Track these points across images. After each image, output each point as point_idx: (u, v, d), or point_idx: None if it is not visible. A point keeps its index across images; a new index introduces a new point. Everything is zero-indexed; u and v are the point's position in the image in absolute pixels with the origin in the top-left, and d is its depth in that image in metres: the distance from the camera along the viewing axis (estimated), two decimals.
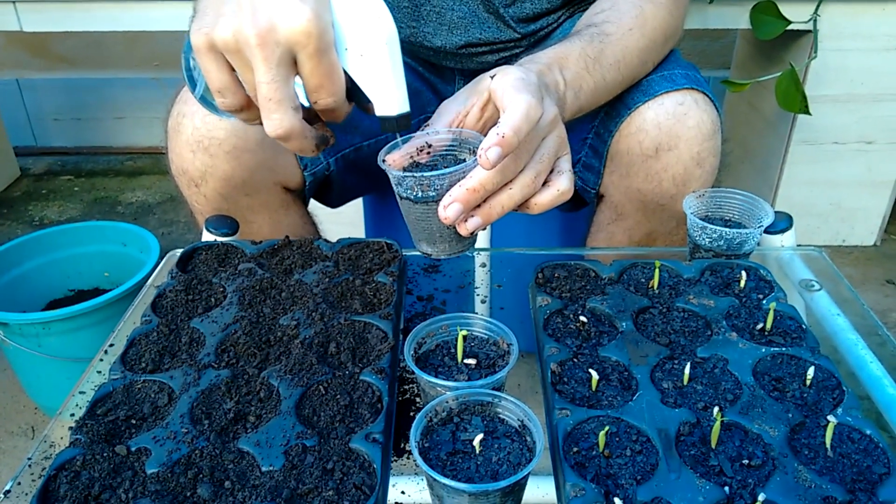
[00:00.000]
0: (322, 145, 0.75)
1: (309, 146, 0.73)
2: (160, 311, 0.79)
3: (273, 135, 0.70)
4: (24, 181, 2.71)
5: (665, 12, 0.97)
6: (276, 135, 0.70)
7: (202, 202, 1.02)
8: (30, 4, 1.82)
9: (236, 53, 0.67)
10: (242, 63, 0.68)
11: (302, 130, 0.70)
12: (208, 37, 0.67)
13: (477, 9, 1.08)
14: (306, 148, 0.73)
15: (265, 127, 0.69)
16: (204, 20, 0.68)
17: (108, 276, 1.82)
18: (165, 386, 0.68)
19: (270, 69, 0.66)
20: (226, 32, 0.66)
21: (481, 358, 0.71)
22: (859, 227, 2.17)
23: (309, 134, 0.72)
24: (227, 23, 0.66)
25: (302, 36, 0.65)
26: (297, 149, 0.73)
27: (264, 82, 0.67)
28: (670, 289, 0.81)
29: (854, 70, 1.89)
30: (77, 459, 0.60)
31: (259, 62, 0.66)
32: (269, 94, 0.67)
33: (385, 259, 0.86)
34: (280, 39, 0.65)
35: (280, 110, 0.68)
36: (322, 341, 0.73)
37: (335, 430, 0.62)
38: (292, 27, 0.65)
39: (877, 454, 0.59)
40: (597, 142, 1.05)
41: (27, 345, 1.50)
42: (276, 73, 0.66)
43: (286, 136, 0.70)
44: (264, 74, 0.66)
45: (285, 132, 0.69)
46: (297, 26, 0.64)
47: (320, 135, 0.74)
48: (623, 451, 0.59)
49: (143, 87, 2.75)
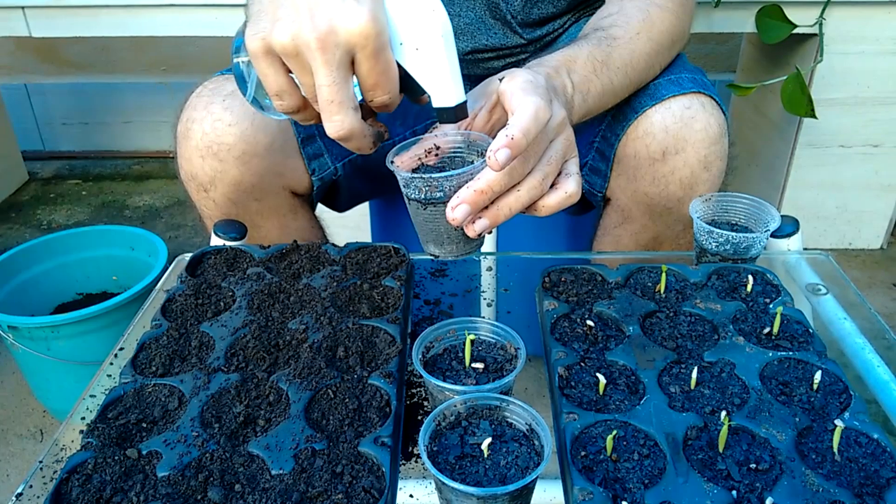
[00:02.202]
0: (378, 141, 0.75)
1: (367, 144, 0.73)
2: (170, 316, 0.80)
3: (335, 136, 0.70)
4: (32, 185, 2.72)
5: (672, 16, 0.98)
6: (338, 136, 0.70)
7: (211, 207, 1.03)
8: (39, 10, 1.83)
9: (295, 57, 0.67)
10: (301, 66, 0.68)
11: (362, 130, 0.71)
12: (265, 41, 0.68)
13: (483, 15, 1.09)
14: (364, 146, 0.73)
15: (326, 128, 0.70)
16: (259, 25, 0.68)
17: (116, 280, 1.82)
18: (176, 390, 0.68)
19: (331, 72, 0.66)
20: (284, 37, 0.66)
21: (489, 362, 0.71)
22: (866, 230, 2.17)
23: (367, 132, 0.72)
24: (286, 27, 0.66)
25: (361, 37, 0.65)
26: (355, 148, 0.73)
27: (325, 85, 0.67)
28: (677, 293, 0.81)
29: (860, 73, 1.89)
30: (88, 462, 0.60)
31: (320, 65, 0.66)
32: (330, 97, 0.67)
33: (392, 263, 0.87)
34: (340, 42, 0.65)
35: (342, 112, 0.68)
36: (330, 345, 0.73)
37: (344, 434, 0.62)
38: (351, 29, 0.65)
39: (884, 458, 0.59)
40: (604, 145, 1.06)
41: (36, 348, 1.51)
42: (337, 75, 0.67)
43: (348, 136, 0.70)
44: (325, 77, 0.66)
45: (347, 133, 0.70)
46: (356, 28, 0.65)
47: (376, 132, 0.74)
48: (631, 455, 0.59)
49: (151, 92, 2.76)
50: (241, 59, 0.76)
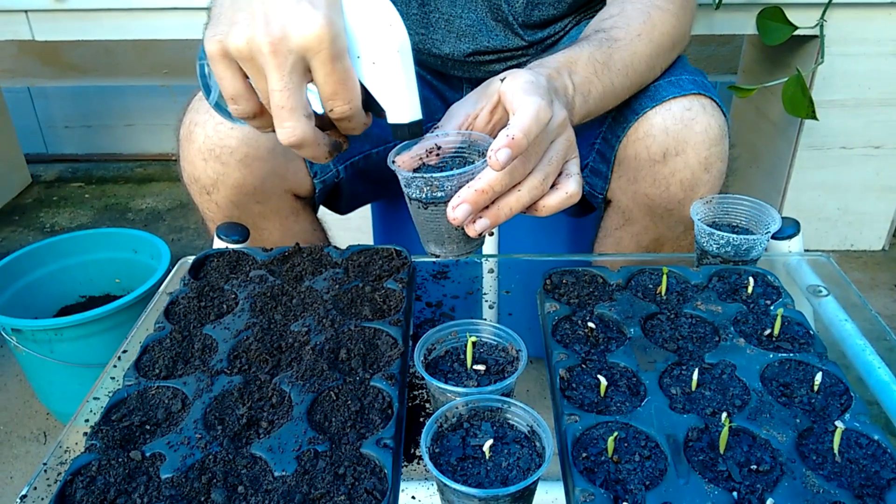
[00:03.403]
0: (335, 151, 0.75)
1: (322, 153, 0.73)
2: (173, 318, 0.80)
3: (286, 142, 0.70)
4: (35, 188, 2.73)
5: (673, 18, 0.98)
6: (288, 142, 0.70)
7: (214, 209, 1.03)
8: (42, 14, 1.84)
9: (249, 61, 0.68)
10: (255, 71, 0.68)
11: (315, 138, 0.71)
12: (222, 44, 0.68)
13: (485, 17, 1.09)
14: (319, 155, 0.73)
15: (278, 135, 0.70)
16: (218, 28, 0.69)
17: (118, 283, 1.83)
18: (179, 392, 0.69)
19: (283, 77, 0.66)
20: (239, 40, 0.67)
21: (490, 364, 0.71)
22: (867, 231, 2.17)
23: (322, 141, 0.72)
24: (241, 31, 0.67)
25: (314, 42, 0.65)
26: (310, 156, 0.73)
27: (277, 90, 0.67)
28: (678, 295, 0.82)
29: (861, 75, 1.89)
30: (92, 464, 0.60)
31: (272, 70, 0.66)
32: (281, 102, 0.68)
33: (394, 266, 0.87)
34: (293, 47, 0.66)
35: (293, 118, 0.68)
36: (333, 347, 0.73)
37: (346, 436, 0.63)
38: (305, 34, 0.65)
39: (885, 459, 0.59)
40: (604, 147, 1.06)
41: (39, 351, 1.51)
42: (289, 80, 0.67)
43: (299, 143, 0.70)
44: (277, 82, 0.67)
45: (298, 140, 0.70)
46: (309, 33, 0.65)
47: (333, 141, 0.74)
48: (632, 457, 0.60)
49: (153, 95, 2.77)
50: (205, 63, 0.76)
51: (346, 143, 0.77)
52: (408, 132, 0.73)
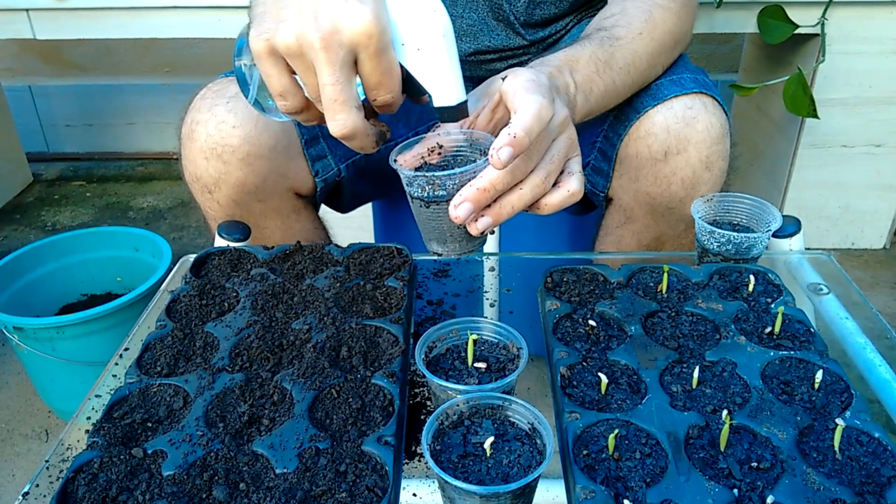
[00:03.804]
0: (381, 141, 0.75)
1: (370, 143, 0.73)
2: (174, 316, 0.80)
3: (339, 135, 0.70)
4: (36, 187, 2.73)
5: (674, 17, 0.98)
6: (341, 134, 0.70)
7: (215, 208, 1.03)
8: (43, 12, 1.84)
9: (299, 57, 0.68)
10: (304, 66, 0.68)
11: (365, 129, 0.71)
12: (269, 42, 0.68)
13: (486, 16, 1.09)
14: (367, 145, 0.74)
15: (330, 127, 0.70)
16: (263, 26, 0.69)
17: (120, 281, 1.83)
18: (181, 389, 0.69)
19: (335, 71, 0.67)
20: (288, 37, 0.67)
21: (491, 362, 0.71)
22: (868, 230, 2.17)
23: (370, 131, 0.73)
24: (289, 27, 0.67)
25: (364, 37, 0.66)
26: (358, 147, 0.73)
27: (329, 84, 0.67)
28: (679, 293, 0.82)
29: (862, 73, 1.89)
30: (94, 462, 0.61)
31: (323, 65, 0.67)
32: (334, 96, 0.68)
33: (395, 264, 0.87)
34: (343, 41, 0.66)
35: (345, 111, 0.69)
36: (334, 345, 0.73)
37: (348, 433, 0.63)
38: (355, 28, 0.65)
39: (885, 457, 0.59)
40: (606, 145, 1.06)
41: (41, 349, 1.51)
42: (340, 74, 0.67)
43: (351, 135, 0.71)
44: (329, 76, 0.67)
45: (350, 132, 0.70)
46: (359, 27, 0.65)
47: (378, 131, 0.75)
48: (632, 454, 0.60)
49: (155, 93, 2.77)
50: (243, 61, 0.77)
51: (388, 132, 0.77)
52: (455, 114, 0.73)
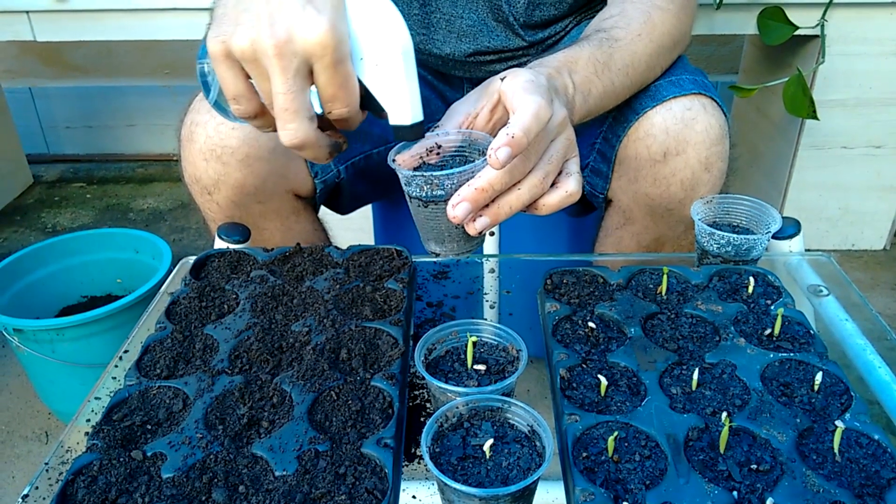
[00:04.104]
0: (335, 152, 0.75)
1: (323, 154, 0.74)
2: (174, 318, 0.80)
3: (288, 144, 0.70)
4: (36, 188, 2.73)
5: (673, 18, 0.98)
6: (291, 144, 0.70)
7: (215, 209, 1.03)
8: (43, 14, 1.84)
9: (253, 62, 0.68)
10: (259, 72, 0.69)
11: (316, 139, 0.71)
12: (225, 45, 0.68)
13: (486, 17, 1.09)
14: (320, 156, 0.74)
15: (280, 136, 0.70)
16: (221, 28, 0.69)
17: (120, 283, 1.83)
18: (180, 392, 0.69)
19: (287, 80, 0.67)
20: (243, 42, 0.67)
21: (491, 364, 0.71)
22: (868, 231, 2.17)
23: (323, 142, 0.73)
24: (245, 32, 0.67)
25: (319, 48, 0.66)
26: (311, 157, 0.74)
27: (281, 93, 0.67)
28: (678, 294, 0.82)
29: (862, 75, 1.89)
30: (94, 464, 0.61)
31: (276, 72, 0.67)
32: (285, 105, 0.68)
33: (395, 266, 0.87)
34: (297, 50, 0.66)
35: (296, 120, 0.69)
36: (333, 347, 0.73)
37: (347, 436, 0.63)
38: (310, 39, 0.65)
39: (885, 459, 0.59)
40: (605, 146, 1.06)
41: (41, 351, 1.51)
42: (293, 83, 0.67)
43: (301, 145, 0.71)
44: (281, 85, 0.67)
45: (300, 142, 0.70)
46: (314, 38, 0.65)
47: (333, 142, 0.75)
48: (632, 457, 0.60)
49: (155, 95, 2.77)
50: (205, 62, 0.77)
51: (345, 143, 0.78)
52: (410, 133, 0.74)
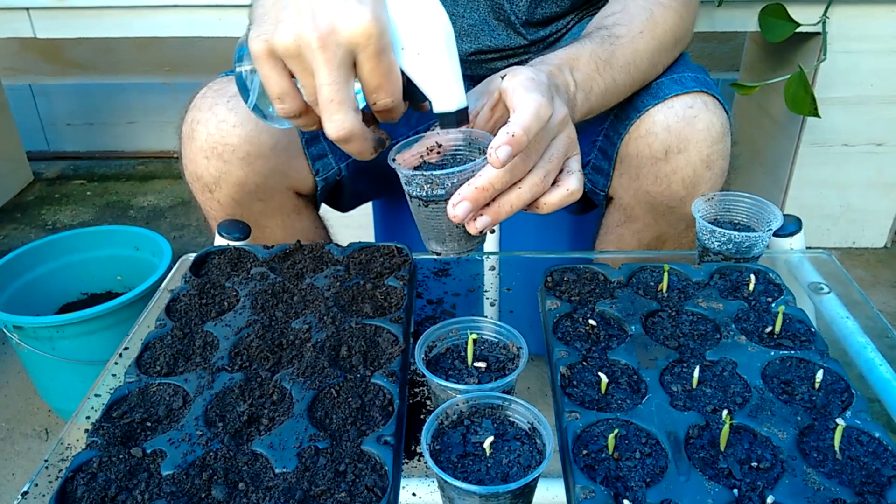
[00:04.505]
0: (379, 147, 0.75)
1: (368, 148, 0.73)
2: (174, 315, 0.80)
3: (335, 137, 0.70)
4: (37, 185, 2.73)
5: (675, 15, 0.98)
6: (337, 136, 0.70)
7: (216, 207, 1.03)
8: (43, 11, 1.84)
9: (297, 58, 0.68)
10: (303, 67, 0.68)
11: (362, 132, 0.71)
12: (268, 43, 0.68)
13: (487, 16, 1.09)
14: (366, 150, 0.73)
15: (326, 129, 0.70)
16: (262, 27, 0.69)
17: (120, 280, 1.83)
18: (180, 389, 0.69)
19: (332, 71, 0.66)
20: (286, 37, 0.67)
21: (491, 361, 0.71)
22: (869, 229, 2.16)
23: (368, 135, 0.72)
24: (288, 28, 0.67)
25: (363, 37, 0.65)
26: (356, 151, 0.73)
27: (326, 84, 0.67)
28: (679, 292, 0.82)
29: (863, 72, 1.89)
30: (93, 461, 0.61)
31: (321, 64, 0.66)
32: (330, 96, 0.68)
33: (395, 263, 0.87)
34: (341, 41, 0.66)
35: (342, 111, 0.68)
36: (334, 345, 0.73)
37: (347, 433, 0.63)
38: (353, 29, 0.65)
39: (886, 457, 0.59)
40: (606, 144, 1.06)
41: (41, 348, 1.51)
42: (338, 74, 0.67)
43: (348, 137, 0.70)
44: (326, 76, 0.67)
45: (347, 133, 0.70)
46: (357, 28, 0.65)
47: (378, 137, 0.74)
48: (632, 454, 0.60)
49: (155, 92, 2.77)
50: (243, 67, 0.77)
51: (388, 139, 0.77)
52: (455, 120, 0.73)
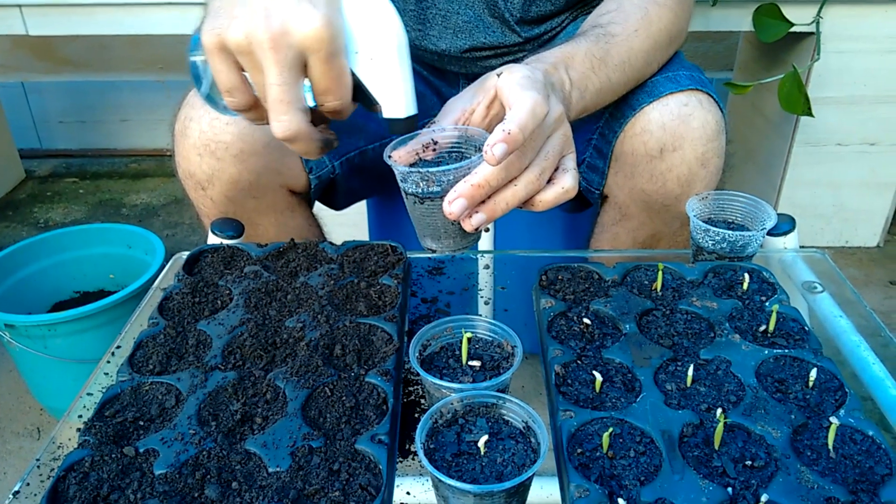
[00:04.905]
0: (326, 148, 0.76)
1: (314, 148, 0.74)
2: (167, 314, 0.80)
3: (280, 136, 0.70)
4: (29, 183, 2.72)
5: (670, 14, 0.98)
6: (283, 136, 0.70)
7: (209, 205, 1.03)
8: (35, 8, 1.83)
9: (247, 55, 0.68)
10: (253, 64, 0.69)
11: (309, 133, 0.71)
12: (220, 37, 0.68)
13: (482, 13, 1.09)
14: (312, 150, 0.74)
15: (273, 128, 0.70)
16: (216, 21, 0.69)
17: (113, 278, 1.82)
18: (173, 388, 0.69)
19: (282, 72, 0.67)
20: (238, 34, 0.67)
21: (486, 360, 0.71)
22: (862, 228, 2.17)
23: (315, 136, 0.73)
24: (240, 25, 0.67)
25: (314, 41, 0.66)
26: (302, 151, 0.74)
27: (275, 84, 0.67)
28: (673, 291, 0.82)
29: (857, 72, 1.89)
30: (86, 460, 0.60)
31: (270, 64, 0.67)
32: (278, 97, 0.68)
33: (390, 261, 0.87)
34: (293, 43, 0.66)
35: (289, 112, 0.69)
36: (328, 343, 0.73)
37: (341, 432, 0.63)
38: (305, 32, 0.66)
39: (879, 455, 0.60)
40: (601, 142, 1.06)
41: (33, 346, 1.50)
42: (287, 75, 0.67)
43: (293, 137, 0.71)
44: (275, 77, 0.67)
45: (293, 134, 0.70)
46: (309, 31, 0.65)
47: (325, 138, 0.75)
48: (627, 453, 0.60)
49: (148, 90, 2.76)
50: (197, 56, 0.77)
51: (336, 141, 0.78)
52: (403, 127, 0.74)
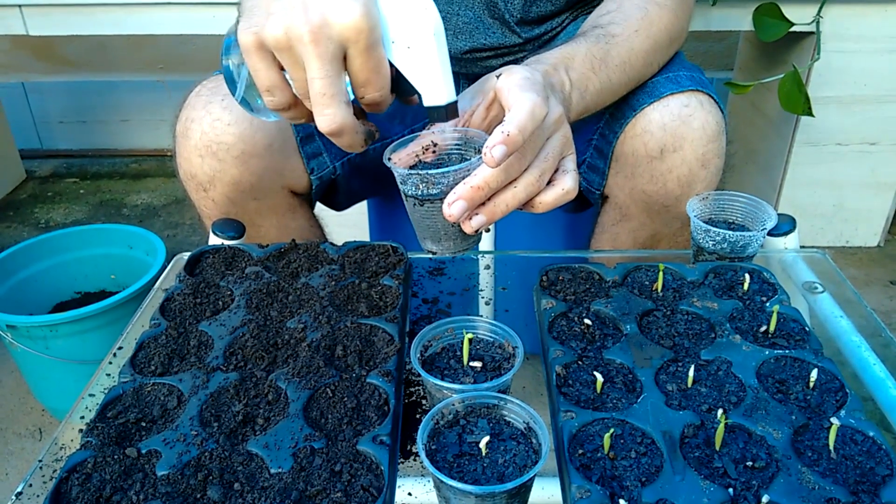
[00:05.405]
0: (369, 140, 0.75)
1: (358, 141, 0.73)
2: (168, 315, 0.80)
3: (326, 130, 0.70)
4: (29, 184, 2.72)
5: (670, 14, 0.98)
6: (329, 130, 0.70)
7: (210, 206, 1.03)
8: (35, 8, 1.83)
9: (287, 51, 0.67)
10: (293, 60, 0.68)
11: (353, 125, 0.71)
12: (258, 35, 0.68)
13: (482, 14, 1.09)
14: (356, 143, 0.73)
15: (318, 123, 0.69)
16: (252, 19, 0.69)
17: (114, 279, 1.82)
18: (175, 389, 0.69)
19: (324, 65, 0.66)
20: (277, 30, 0.66)
21: (487, 360, 0.71)
22: (863, 228, 2.17)
23: (359, 128, 0.72)
24: (279, 20, 0.66)
25: (354, 32, 0.65)
26: (346, 144, 0.73)
27: (318, 78, 0.67)
28: (674, 291, 0.82)
29: (857, 72, 1.89)
30: (88, 461, 0.60)
31: (312, 58, 0.66)
32: (322, 90, 0.67)
33: (391, 262, 0.87)
34: (333, 35, 0.65)
35: (333, 105, 0.68)
36: (329, 344, 0.73)
37: (343, 433, 0.63)
38: (344, 23, 0.65)
39: (880, 456, 0.60)
40: (602, 143, 1.06)
41: (34, 347, 1.51)
42: (330, 68, 0.67)
43: (339, 131, 0.70)
44: (318, 70, 0.66)
45: (338, 127, 0.69)
46: (349, 22, 0.65)
47: (367, 130, 0.74)
48: (628, 453, 0.60)
49: (148, 90, 2.76)
50: (231, 59, 0.76)
51: (377, 132, 0.77)
52: (444, 114, 0.72)
